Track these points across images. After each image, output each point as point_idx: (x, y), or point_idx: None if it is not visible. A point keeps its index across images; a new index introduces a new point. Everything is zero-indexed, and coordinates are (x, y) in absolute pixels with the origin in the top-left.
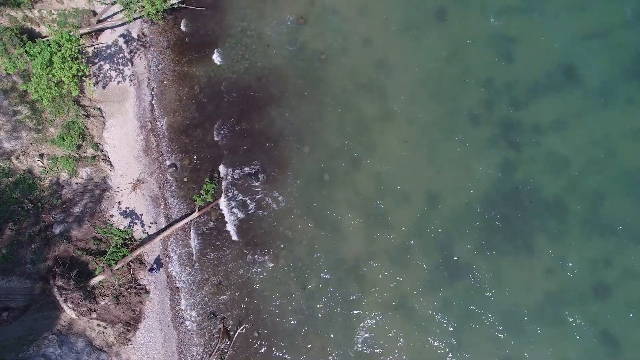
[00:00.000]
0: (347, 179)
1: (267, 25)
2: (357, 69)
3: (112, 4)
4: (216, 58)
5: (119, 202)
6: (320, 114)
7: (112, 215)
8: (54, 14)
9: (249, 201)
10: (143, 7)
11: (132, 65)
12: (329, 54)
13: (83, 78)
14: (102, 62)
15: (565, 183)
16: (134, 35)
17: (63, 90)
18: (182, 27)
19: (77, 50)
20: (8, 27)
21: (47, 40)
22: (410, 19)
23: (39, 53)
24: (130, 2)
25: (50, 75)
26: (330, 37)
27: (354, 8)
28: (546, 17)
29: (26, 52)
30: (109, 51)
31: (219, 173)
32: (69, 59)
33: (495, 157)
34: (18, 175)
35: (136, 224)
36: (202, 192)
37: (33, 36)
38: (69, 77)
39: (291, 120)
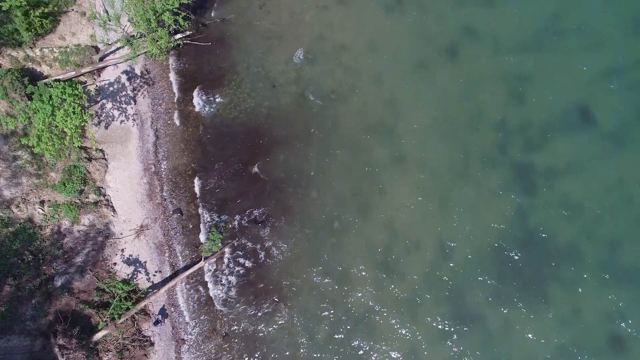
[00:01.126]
0: (357, 226)
1: (274, 62)
2: (368, 108)
3: (115, 43)
4: (221, 97)
5: (122, 250)
6: (330, 157)
7: (115, 264)
8: (55, 52)
9: (255, 250)
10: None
11: (135, 103)
12: (338, 93)
13: (84, 125)
14: (104, 101)
15: (580, 229)
16: (137, 71)
17: (65, 142)
18: (186, 64)
19: (80, 104)
20: (9, 70)
21: (50, 91)
22: (421, 56)
23: (42, 108)
24: (133, 41)
25: (53, 128)
26: (339, 75)
27: (363, 44)
28: (560, 55)
29: (27, 106)
30: (111, 89)
31: (224, 220)
32: (72, 113)
33: (508, 202)
34: (18, 225)
35: (140, 272)
36: (207, 241)
37: (35, 76)
38: (72, 128)
39: (299, 163)
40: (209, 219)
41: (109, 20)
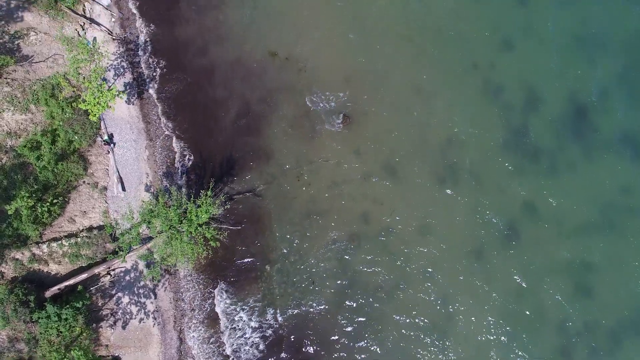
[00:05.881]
0: None
1: (313, 250)
2: (419, 308)
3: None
4: (255, 294)
5: None
6: None
7: None
8: (65, 246)
9: None
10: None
11: (155, 297)
12: (385, 288)
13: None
14: (120, 294)
15: None
16: (157, 256)
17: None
18: (212, 252)
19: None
20: (12, 290)
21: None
22: (477, 241)
23: (49, 332)
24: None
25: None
26: (386, 265)
27: (414, 227)
28: (630, 237)
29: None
30: (127, 278)
31: None
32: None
33: None
34: None
35: None
36: None
37: (42, 280)
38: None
39: None
40: None
41: (128, 230)
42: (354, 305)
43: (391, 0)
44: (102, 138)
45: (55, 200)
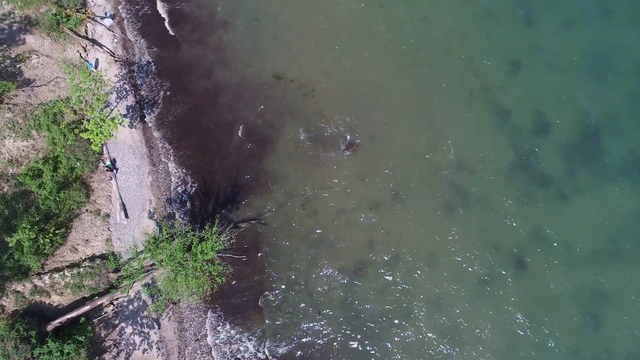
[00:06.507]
0: None
1: (319, 279)
2: (426, 337)
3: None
4: (260, 324)
5: None
6: None
7: None
8: (67, 276)
9: None
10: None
11: (159, 327)
12: (392, 318)
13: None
14: (123, 324)
15: None
16: (161, 289)
17: None
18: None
19: None
20: (13, 326)
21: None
22: (485, 269)
23: None
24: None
25: None
26: (393, 294)
27: (421, 255)
28: None
29: None
30: (130, 307)
31: None
32: None
33: None
34: None
35: None
36: None
37: (43, 312)
38: None
39: None
40: None
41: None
42: (360, 335)
43: (398, 24)
44: (104, 163)
45: (57, 231)
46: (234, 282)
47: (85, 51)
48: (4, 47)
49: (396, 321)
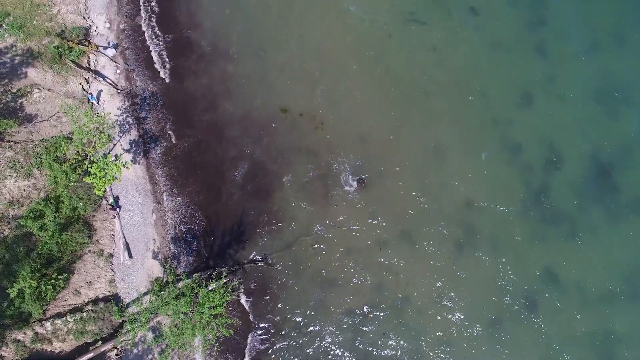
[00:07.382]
0: None
1: (327, 321)
2: None
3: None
4: None
5: None
6: None
7: None
8: (69, 322)
9: None
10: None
11: None
12: (401, 358)
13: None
14: None
15: None
16: (166, 338)
17: None
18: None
19: None
20: None
21: None
22: (496, 310)
23: None
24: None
25: None
26: (402, 336)
27: (430, 296)
28: None
29: None
30: (135, 351)
31: None
32: None
33: None
34: None
35: None
36: None
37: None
38: None
39: None
40: None
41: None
42: None
43: (408, 57)
44: (107, 201)
45: (59, 276)
46: (240, 325)
47: (88, 83)
48: (6, 82)
49: None
